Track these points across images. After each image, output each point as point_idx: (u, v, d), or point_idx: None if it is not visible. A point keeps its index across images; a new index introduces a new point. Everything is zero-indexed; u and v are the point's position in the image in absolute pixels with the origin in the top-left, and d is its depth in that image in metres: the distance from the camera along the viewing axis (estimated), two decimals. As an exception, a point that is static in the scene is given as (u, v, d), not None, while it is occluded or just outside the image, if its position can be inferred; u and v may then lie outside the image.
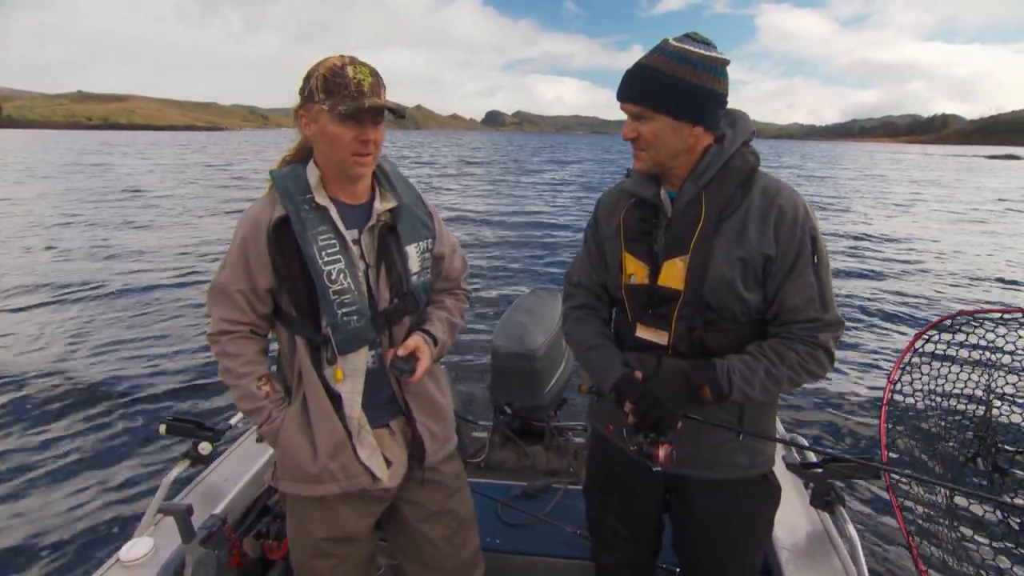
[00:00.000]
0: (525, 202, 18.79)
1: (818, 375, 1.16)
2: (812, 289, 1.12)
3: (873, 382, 5.21)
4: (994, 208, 20.49)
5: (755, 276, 1.14)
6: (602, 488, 1.49)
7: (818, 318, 1.13)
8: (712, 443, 1.25)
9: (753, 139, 1.21)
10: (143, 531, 1.63)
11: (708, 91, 1.10)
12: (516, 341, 2.43)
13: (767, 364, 1.14)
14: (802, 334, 1.14)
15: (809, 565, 1.57)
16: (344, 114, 1.13)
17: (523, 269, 9.66)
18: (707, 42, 1.11)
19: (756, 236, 1.13)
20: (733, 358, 1.17)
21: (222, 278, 1.25)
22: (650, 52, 1.14)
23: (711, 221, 1.15)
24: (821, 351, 1.14)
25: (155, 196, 17.90)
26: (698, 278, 1.15)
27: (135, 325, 6.40)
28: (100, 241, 10.88)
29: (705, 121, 1.13)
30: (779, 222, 1.12)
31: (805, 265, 1.12)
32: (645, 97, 1.12)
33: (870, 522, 3.23)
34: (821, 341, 1.13)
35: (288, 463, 1.29)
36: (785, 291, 1.14)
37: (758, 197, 1.15)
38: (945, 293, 8.58)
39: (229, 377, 1.28)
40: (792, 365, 1.14)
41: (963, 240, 13.38)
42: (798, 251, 1.12)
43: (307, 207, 1.21)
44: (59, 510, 3.33)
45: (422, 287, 1.36)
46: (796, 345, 1.14)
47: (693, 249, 1.15)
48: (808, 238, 1.12)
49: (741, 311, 1.17)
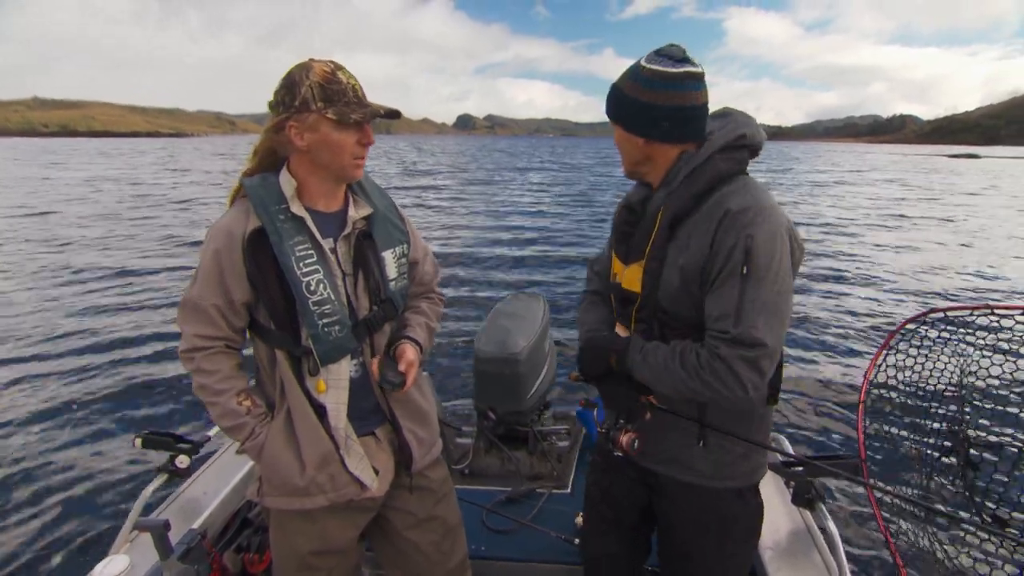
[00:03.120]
0: (502, 206, 18.82)
1: (720, 392, 1.07)
2: (730, 301, 1.06)
3: (852, 380, 5.32)
4: (963, 205, 21.09)
5: (697, 283, 1.13)
6: (596, 468, 1.52)
7: (725, 331, 1.06)
8: (672, 443, 1.27)
9: (745, 141, 1.18)
10: (119, 548, 1.59)
11: (651, 106, 1.13)
12: (499, 345, 2.43)
13: (667, 356, 1.13)
14: (709, 342, 1.09)
15: (791, 563, 1.59)
16: (358, 122, 1.15)
17: (503, 273, 9.67)
18: (673, 56, 1.12)
19: (696, 243, 1.12)
20: (653, 343, 1.19)
21: (194, 292, 1.21)
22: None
23: (664, 228, 1.16)
24: (721, 364, 1.06)
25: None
26: (652, 283, 1.18)
27: (106, 336, 6.25)
28: (58, 252, 10.61)
29: (649, 135, 1.17)
30: (720, 225, 1.08)
31: (730, 274, 1.06)
32: (608, 110, 1.22)
33: (851, 518, 3.29)
34: (722, 354, 1.06)
35: (274, 478, 1.27)
36: (708, 298, 1.11)
37: (713, 202, 1.12)
38: (922, 290, 8.78)
39: (206, 394, 1.24)
40: (688, 367, 1.10)
41: (937, 238, 13.72)
42: (727, 258, 1.06)
43: (282, 217, 1.19)
44: (31, 528, 3.23)
45: (400, 293, 1.36)
46: (700, 351, 1.10)
47: (648, 255, 1.19)
48: (742, 247, 1.05)
49: (696, 317, 1.16)
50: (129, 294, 7.95)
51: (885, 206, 21.05)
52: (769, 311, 1.05)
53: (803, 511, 1.74)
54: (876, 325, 7.01)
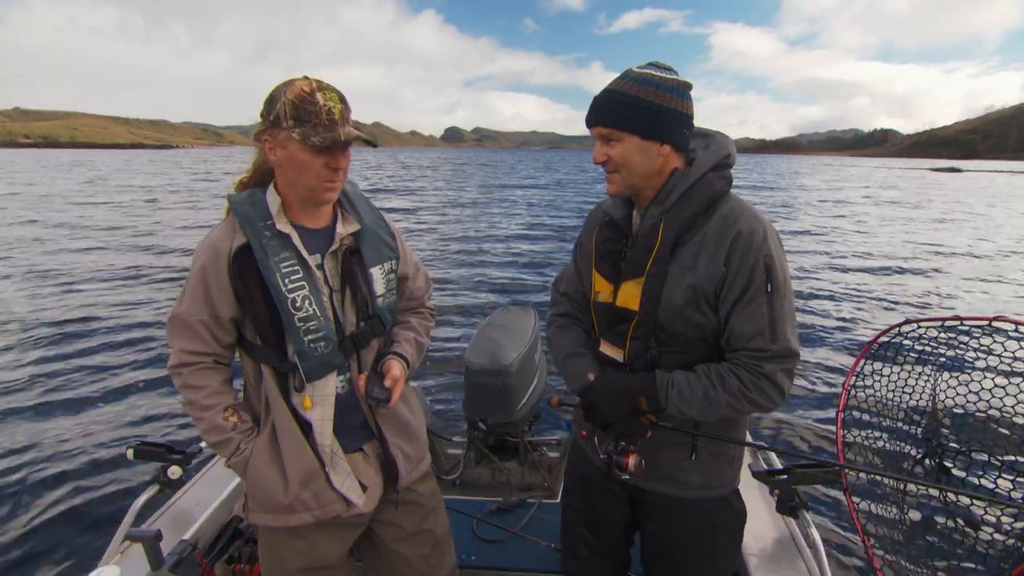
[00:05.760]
0: (495, 218, 18.88)
1: (764, 406, 1.14)
2: (762, 319, 1.10)
3: (832, 390, 5.39)
4: (948, 217, 21.44)
5: (707, 302, 1.15)
6: (574, 493, 1.51)
7: (765, 348, 1.11)
8: (666, 459, 1.28)
9: (729, 160, 1.21)
10: (110, 559, 1.59)
11: (671, 111, 1.13)
12: (489, 357, 2.46)
13: (707, 385, 1.15)
14: (748, 362, 1.13)
15: (776, 570, 1.62)
16: (318, 146, 1.11)
17: (494, 285, 9.69)
18: (669, 68, 1.16)
19: (707, 262, 1.13)
20: (678, 374, 1.18)
21: (181, 308, 1.21)
22: (615, 80, 1.17)
23: (666, 246, 1.16)
24: (766, 381, 1.12)
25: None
26: (651, 301, 1.18)
27: (98, 346, 6.19)
28: (51, 263, 10.51)
29: (673, 140, 1.15)
30: (733, 247, 1.12)
31: (756, 293, 1.11)
32: (612, 118, 1.14)
33: (834, 525, 3.33)
34: (766, 371, 1.11)
35: (258, 494, 1.26)
36: (735, 319, 1.13)
37: (718, 222, 1.15)
38: (902, 301, 8.92)
39: (193, 409, 1.23)
40: (733, 391, 1.13)
41: (926, 247, 13.93)
42: (749, 278, 1.11)
43: (268, 234, 1.18)
44: (22, 537, 3.19)
45: (388, 309, 1.36)
46: (741, 372, 1.13)
47: (648, 273, 1.18)
48: (762, 266, 1.10)
49: (695, 335, 1.19)
50: (124, 304, 7.89)
51: (868, 217, 21.36)
52: (791, 320, 1.14)
53: (787, 519, 1.77)
54: (856, 335, 7.12)
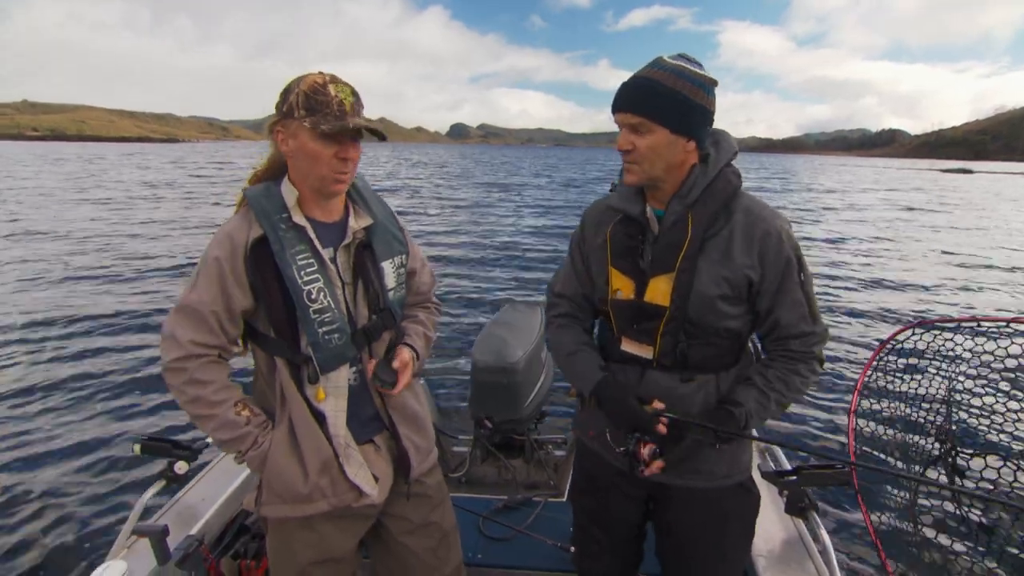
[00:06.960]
0: (502, 215, 18.86)
1: (812, 386, 1.26)
2: (802, 306, 1.19)
3: (843, 391, 5.33)
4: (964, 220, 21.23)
5: (739, 294, 1.18)
6: (584, 494, 1.51)
7: (811, 331, 1.20)
8: (693, 453, 1.27)
9: (736, 158, 1.24)
10: (116, 553, 1.59)
11: (702, 108, 1.14)
12: (495, 355, 2.45)
13: (777, 396, 1.22)
14: (801, 348, 1.21)
15: (785, 572, 1.60)
16: (327, 133, 1.13)
17: (501, 283, 9.68)
18: (698, 62, 1.16)
19: (741, 257, 1.16)
20: (748, 399, 1.21)
21: (192, 298, 1.18)
22: (647, 66, 1.15)
23: (697, 240, 1.17)
24: (816, 362, 1.23)
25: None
26: (683, 295, 1.18)
27: (105, 342, 6.24)
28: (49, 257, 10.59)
29: (698, 137, 1.17)
30: (764, 246, 1.16)
31: (793, 285, 1.18)
32: (644, 107, 1.12)
33: (843, 527, 3.30)
34: (817, 353, 1.22)
35: (278, 486, 1.26)
36: (778, 310, 1.20)
37: (742, 218, 1.18)
38: (914, 302, 8.83)
39: (200, 407, 1.19)
40: (797, 388, 1.22)
41: (937, 252, 13.79)
42: (785, 272, 1.17)
43: (283, 226, 1.20)
44: (29, 532, 3.21)
45: (398, 302, 1.37)
46: (797, 366, 1.22)
47: (679, 267, 1.18)
48: (794, 258, 1.17)
49: (723, 327, 1.21)
50: (128, 299, 7.95)
51: (885, 218, 21.18)
52: (817, 303, 1.23)
53: (796, 520, 1.75)
54: (869, 334, 7.05)
